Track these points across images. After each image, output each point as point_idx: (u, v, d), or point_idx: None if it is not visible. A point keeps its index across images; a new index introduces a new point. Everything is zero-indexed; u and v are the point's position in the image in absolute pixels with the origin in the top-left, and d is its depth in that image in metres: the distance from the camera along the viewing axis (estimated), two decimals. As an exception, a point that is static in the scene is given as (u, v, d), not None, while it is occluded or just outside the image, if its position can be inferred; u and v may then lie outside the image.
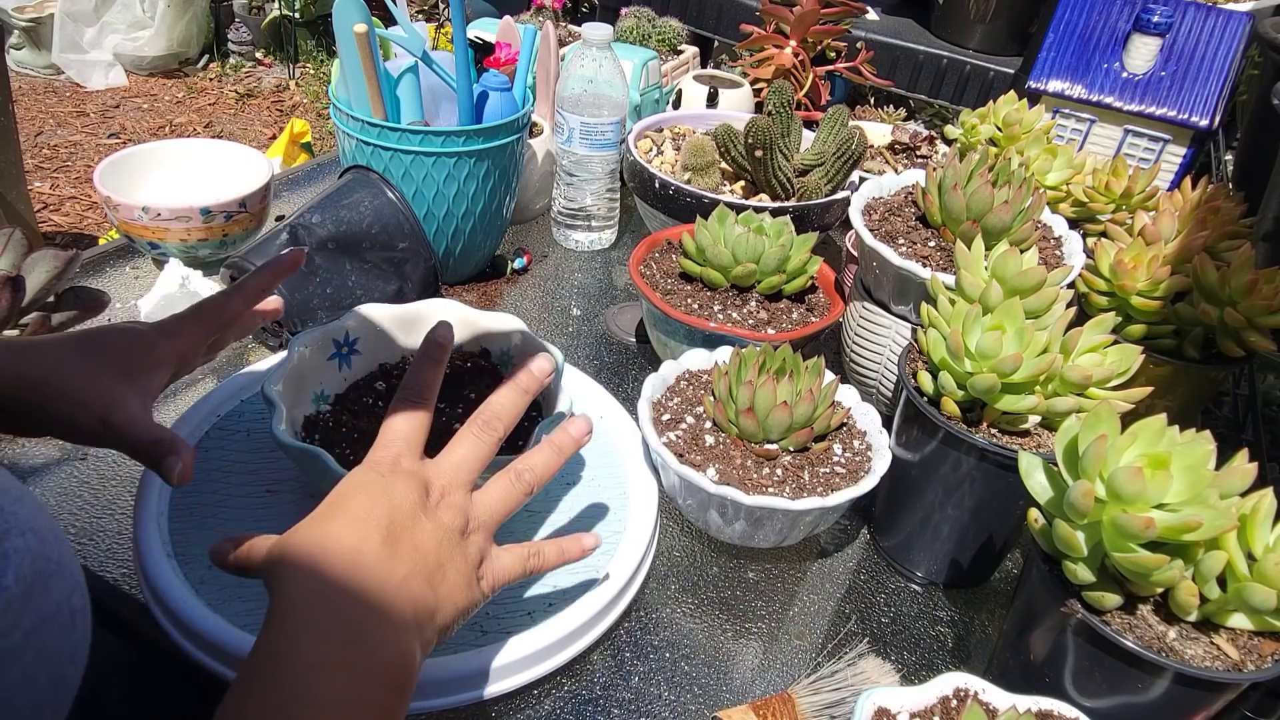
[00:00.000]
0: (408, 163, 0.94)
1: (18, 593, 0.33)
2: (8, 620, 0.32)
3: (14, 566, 0.33)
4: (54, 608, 0.35)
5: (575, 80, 1.05)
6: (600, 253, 1.17)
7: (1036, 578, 0.57)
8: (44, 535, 0.35)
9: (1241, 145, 1.26)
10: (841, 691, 0.61)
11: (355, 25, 0.90)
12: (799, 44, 1.27)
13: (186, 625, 0.58)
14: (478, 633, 0.61)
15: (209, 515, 0.66)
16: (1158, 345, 0.80)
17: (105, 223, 2.61)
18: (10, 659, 0.33)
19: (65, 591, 0.35)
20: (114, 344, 0.56)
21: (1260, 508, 0.52)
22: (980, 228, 0.76)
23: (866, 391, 0.86)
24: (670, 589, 0.71)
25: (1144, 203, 0.94)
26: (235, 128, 3.36)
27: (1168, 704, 0.53)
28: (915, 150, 1.23)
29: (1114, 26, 1.16)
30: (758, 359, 0.71)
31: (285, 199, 1.18)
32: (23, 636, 0.33)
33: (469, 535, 0.51)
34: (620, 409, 0.81)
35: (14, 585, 0.32)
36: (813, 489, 0.69)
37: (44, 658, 0.34)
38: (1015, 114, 1.01)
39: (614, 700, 0.62)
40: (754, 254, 0.84)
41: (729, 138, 1.02)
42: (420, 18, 2.63)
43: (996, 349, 0.64)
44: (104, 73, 3.52)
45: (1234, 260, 0.76)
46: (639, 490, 0.73)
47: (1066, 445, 0.55)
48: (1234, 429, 0.94)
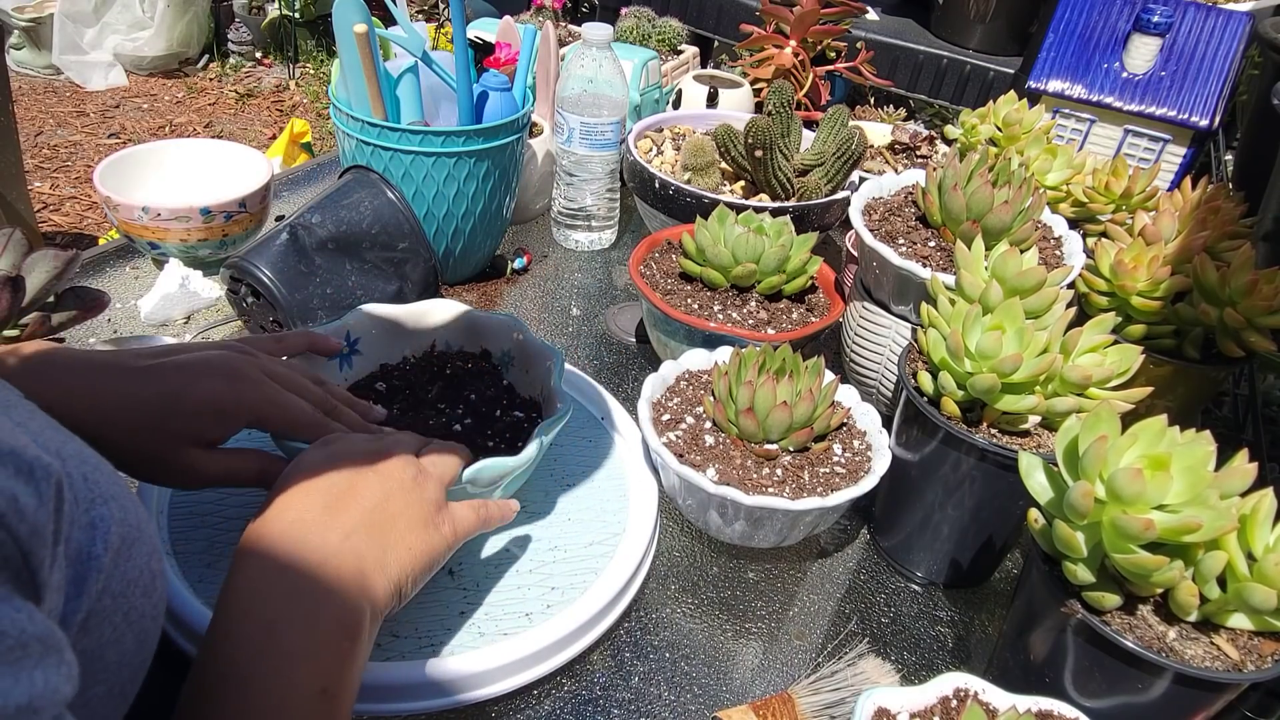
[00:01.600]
0: (408, 163, 0.94)
1: (107, 560, 0.34)
2: (98, 585, 0.34)
3: (101, 535, 0.34)
4: (137, 572, 0.37)
5: (575, 80, 1.05)
6: (600, 253, 1.17)
7: (1036, 578, 0.57)
8: (124, 502, 0.37)
9: (1241, 145, 1.25)
10: (841, 691, 0.61)
11: (355, 25, 0.90)
12: (799, 44, 1.27)
13: (185, 624, 0.58)
14: (475, 634, 0.61)
15: (208, 514, 0.66)
16: (1158, 345, 0.80)
17: (105, 223, 2.61)
18: (103, 620, 0.34)
19: (146, 556, 0.37)
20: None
21: (1260, 508, 0.52)
22: (980, 228, 0.76)
23: (866, 391, 0.86)
24: (670, 589, 0.71)
25: (1144, 203, 0.94)
26: (235, 128, 3.36)
27: (1168, 704, 0.52)
28: (915, 150, 1.23)
29: (1114, 26, 1.16)
30: (758, 359, 0.71)
31: (285, 199, 1.18)
32: (111, 600, 0.35)
33: (421, 483, 0.54)
34: (620, 409, 0.81)
35: (103, 553, 0.34)
36: (813, 489, 0.69)
37: (130, 618, 0.36)
38: (1015, 114, 1.01)
39: (614, 700, 0.62)
40: (754, 254, 0.84)
41: (729, 138, 1.02)
42: (420, 18, 2.63)
43: (996, 349, 0.64)
44: (104, 73, 3.52)
45: (1234, 260, 0.76)
46: (639, 490, 0.73)
47: (1066, 445, 0.55)
48: (1234, 429, 0.94)
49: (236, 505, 0.67)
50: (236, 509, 0.67)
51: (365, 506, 0.50)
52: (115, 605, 0.35)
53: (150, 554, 0.38)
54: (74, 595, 0.33)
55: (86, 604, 0.33)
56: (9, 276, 0.73)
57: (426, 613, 0.61)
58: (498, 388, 0.75)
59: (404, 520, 0.51)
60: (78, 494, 0.34)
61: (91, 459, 0.37)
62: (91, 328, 0.89)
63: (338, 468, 0.52)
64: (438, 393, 0.73)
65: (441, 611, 0.62)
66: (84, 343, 0.88)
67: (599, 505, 0.72)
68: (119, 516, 0.36)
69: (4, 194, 1.72)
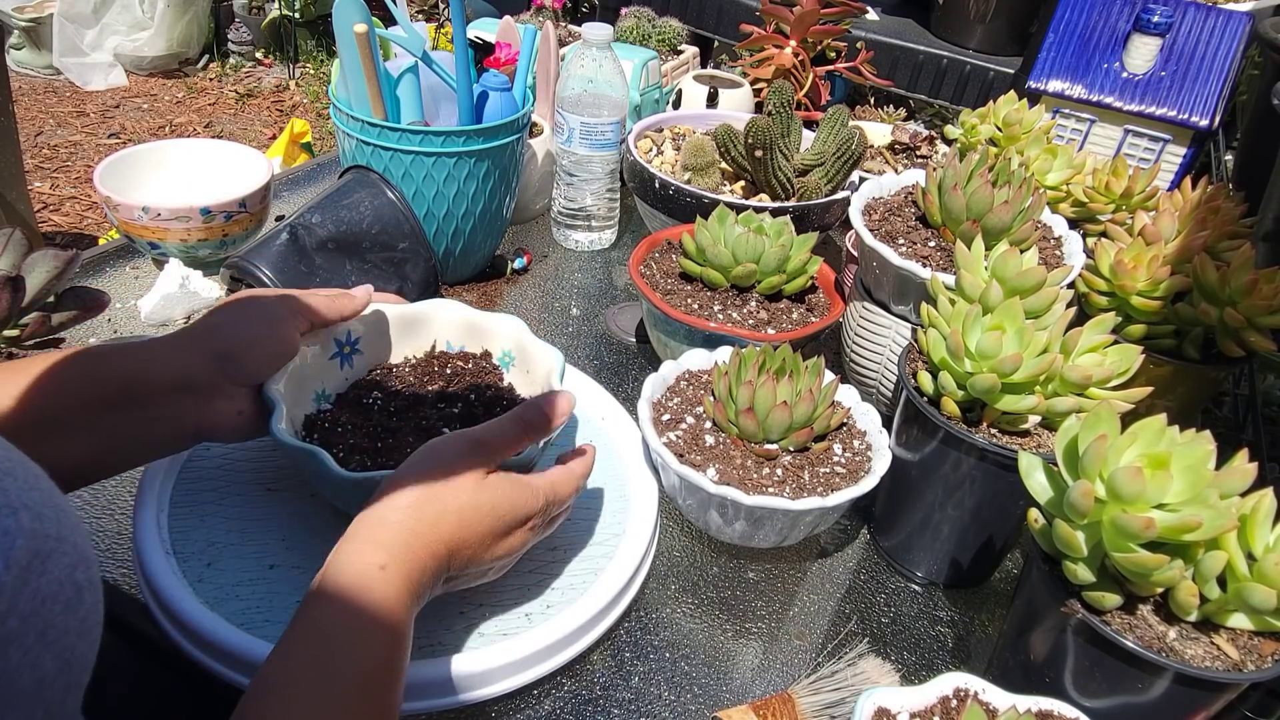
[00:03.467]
0: (408, 163, 0.94)
1: (9, 579, 0.31)
2: (1, 606, 0.31)
3: (3, 552, 0.31)
4: (55, 586, 0.33)
5: (575, 80, 1.05)
6: (600, 253, 1.17)
7: (1036, 578, 0.57)
8: (39, 510, 0.33)
9: (1241, 145, 1.25)
10: (841, 691, 0.61)
11: (355, 25, 0.90)
12: (799, 44, 1.27)
13: (184, 624, 0.58)
14: (475, 634, 0.61)
15: (208, 514, 0.66)
16: (1158, 345, 0.80)
17: (105, 223, 2.61)
18: (9, 644, 0.31)
19: (67, 568, 0.34)
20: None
21: (1260, 508, 0.52)
22: (980, 228, 0.76)
23: (866, 391, 0.86)
24: (670, 589, 0.71)
25: (1144, 203, 0.94)
26: (235, 128, 3.36)
27: (1168, 704, 0.52)
28: (915, 150, 1.23)
29: (1114, 26, 1.16)
30: (757, 359, 0.71)
31: (285, 199, 1.18)
32: (19, 621, 0.31)
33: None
34: (620, 409, 0.81)
35: (4, 572, 0.31)
36: (813, 489, 0.69)
37: (47, 638, 0.33)
38: (1015, 114, 1.01)
39: (614, 700, 0.62)
40: (754, 254, 0.84)
41: (729, 138, 1.02)
42: (420, 18, 2.63)
43: (996, 349, 0.64)
44: (104, 74, 3.52)
45: (1234, 260, 0.76)
46: (639, 490, 0.73)
47: (1066, 445, 0.55)
48: (1234, 429, 0.94)
49: (237, 505, 0.67)
50: (237, 509, 0.67)
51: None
52: (25, 626, 0.31)
53: (74, 565, 0.34)
54: None
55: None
56: (9, 276, 0.73)
57: (426, 613, 0.61)
58: (498, 388, 0.75)
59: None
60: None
61: (4, 463, 0.34)
62: (91, 328, 0.89)
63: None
64: (438, 393, 0.73)
65: (442, 611, 0.62)
66: (84, 343, 0.88)
67: (599, 505, 0.72)
68: (30, 527, 0.32)
69: (4, 194, 1.72)
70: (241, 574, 0.62)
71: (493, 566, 0.57)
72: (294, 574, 0.63)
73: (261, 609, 0.60)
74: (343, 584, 0.48)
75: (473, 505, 0.53)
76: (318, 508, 0.68)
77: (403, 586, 0.49)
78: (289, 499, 0.69)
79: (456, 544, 0.53)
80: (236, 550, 0.64)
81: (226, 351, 0.60)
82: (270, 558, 0.64)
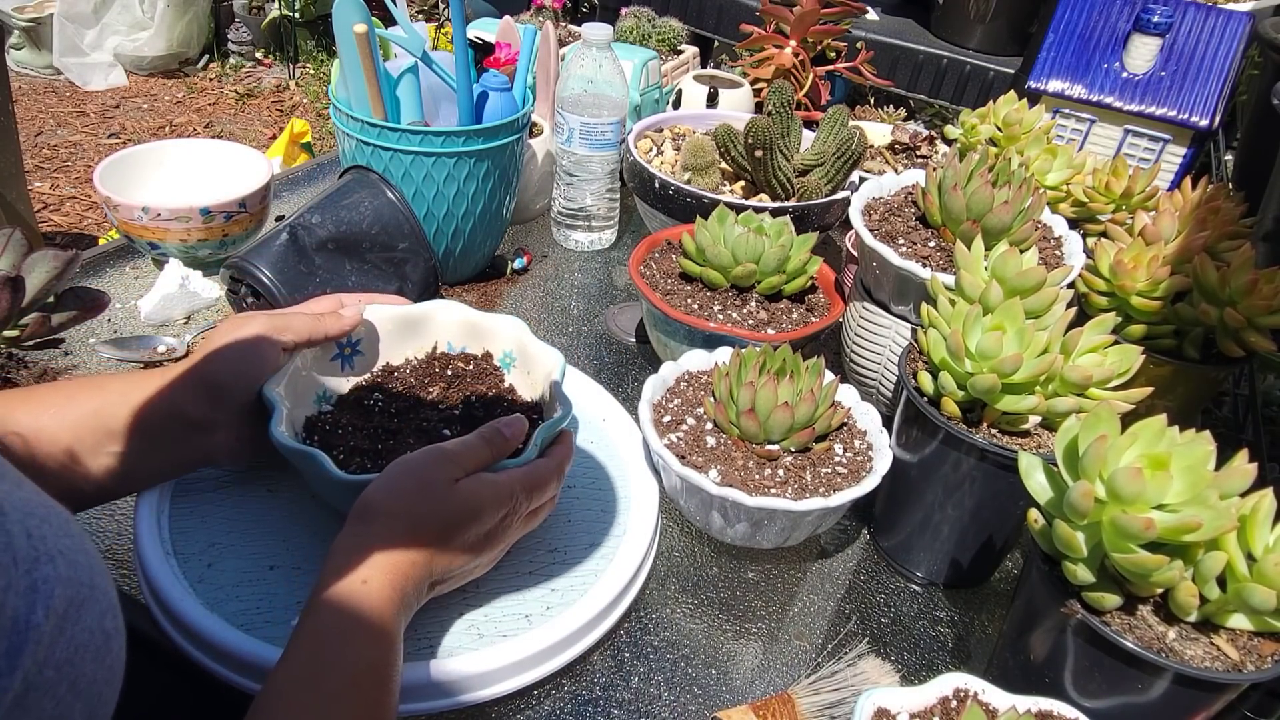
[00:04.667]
0: (408, 163, 0.94)
1: (49, 628, 0.30)
2: (38, 657, 0.30)
3: (43, 600, 0.30)
4: (87, 635, 0.33)
5: (575, 80, 1.05)
6: (600, 253, 1.17)
7: (1036, 578, 0.57)
8: (74, 557, 0.33)
9: (1241, 145, 1.26)
10: (841, 692, 0.61)
11: (355, 25, 0.90)
12: (799, 44, 1.27)
13: (184, 624, 0.58)
14: (475, 636, 0.61)
15: (208, 514, 0.66)
16: (1158, 345, 0.80)
17: (105, 223, 2.61)
18: (44, 694, 0.30)
19: (98, 615, 0.33)
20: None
21: (1260, 508, 0.52)
22: (980, 228, 0.76)
23: (866, 391, 0.86)
24: (670, 589, 0.71)
25: (1144, 203, 0.94)
26: (235, 128, 3.36)
27: (1167, 704, 0.53)
28: (915, 150, 1.23)
29: (1114, 26, 1.16)
30: (758, 360, 0.71)
31: (285, 199, 1.18)
32: (55, 671, 0.31)
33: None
34: (621, 410, 0.81)
35: (44, 621, 0.30)
36: (815, 489, 0.69)
37: (78, 687, 0.32)
38: (1015, 114, 1.01)
39: (614, 701, 0.62)
40: (754, 254, 0.84)
41: (729, 138, 1.02)
42: (420, 18, 2.63)
43: (997, 349, 0.64)
44: (104, 74, 3.52)
45: (1234, 260, 0.76)
46: (640, 491, 0.73)
47: (1066, 445, 0.55)
48: (1234, 429, 0.94)
49: (236, 505, 0.67)
50: (237, 509, 0.67)
51: None
52: (59, 676, 0.31)
53: (104, 613, 0.34)
54: (6, 671, 0.29)
55: (20, 679, 0.29)
56: (9, 276, 0.73)
57: (426, 614, 0.61)
58: (499, 390, 0.75)
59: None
60: (17, 554, 0.30)
61: (40, 509, 0.33)
62: (91, 328, 0.89)
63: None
64: (439, 394, 0.73)
65: (441, 613, 0.62)
66: (84, 343, 0.88)
67: (599, 507, 0.72)
68: (66, 575, 0.32)
69: (4, 194, 1.72)
70: (241, 575, 0.62)
71: (478, 564, 0.60)
72: (294, 574, 0.63)
73: (261, 609, 0.60)
74: (330, 598, 0.51)
75: (446, 511, 0.56)
76: (318, 508, 0.68)
77: (388, 597, 0.52)
78: (289, 499, 0.69)
79: (435, 549, 0.56)
80: (236, 551, 0.64)
81: (215, 385, 0.62)
82: (270, 558, 0.64)
